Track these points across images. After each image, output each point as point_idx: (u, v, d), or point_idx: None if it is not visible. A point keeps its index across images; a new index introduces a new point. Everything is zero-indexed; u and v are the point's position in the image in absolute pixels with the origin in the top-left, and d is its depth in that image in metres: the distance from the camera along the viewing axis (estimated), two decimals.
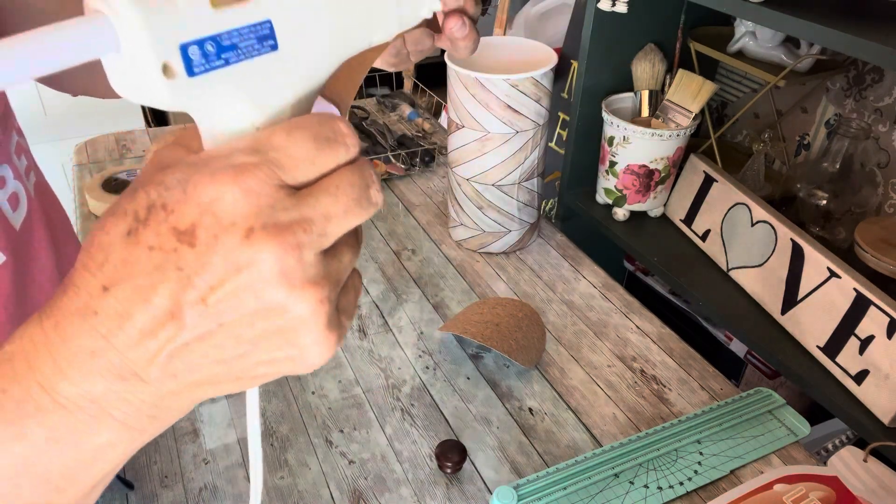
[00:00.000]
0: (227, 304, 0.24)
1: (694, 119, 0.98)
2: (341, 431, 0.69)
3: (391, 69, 0.43)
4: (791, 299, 0.87)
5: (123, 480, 0.59)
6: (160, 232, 0.23)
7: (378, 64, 0.42)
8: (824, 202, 0.94)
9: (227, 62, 0.24)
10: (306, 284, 0.24)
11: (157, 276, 0.23)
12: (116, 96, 0.26)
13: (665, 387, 0.75)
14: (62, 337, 0.25)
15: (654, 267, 1.01)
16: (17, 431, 0.25)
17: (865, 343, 0.77)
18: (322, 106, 0.31)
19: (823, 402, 0.81)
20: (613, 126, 1.00)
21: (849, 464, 0.63)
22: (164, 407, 0.26)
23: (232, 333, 0.24)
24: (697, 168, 1.02)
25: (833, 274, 0.81)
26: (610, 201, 1.09)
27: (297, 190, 0.25)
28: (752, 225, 0.93)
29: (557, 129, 1.28)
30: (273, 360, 0.26)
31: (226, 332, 0.24)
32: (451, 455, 0.64)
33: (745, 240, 0.94)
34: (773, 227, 0.89)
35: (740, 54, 1.01)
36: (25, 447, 0.25)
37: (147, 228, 0.24)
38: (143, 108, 1.96)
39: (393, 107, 1.35)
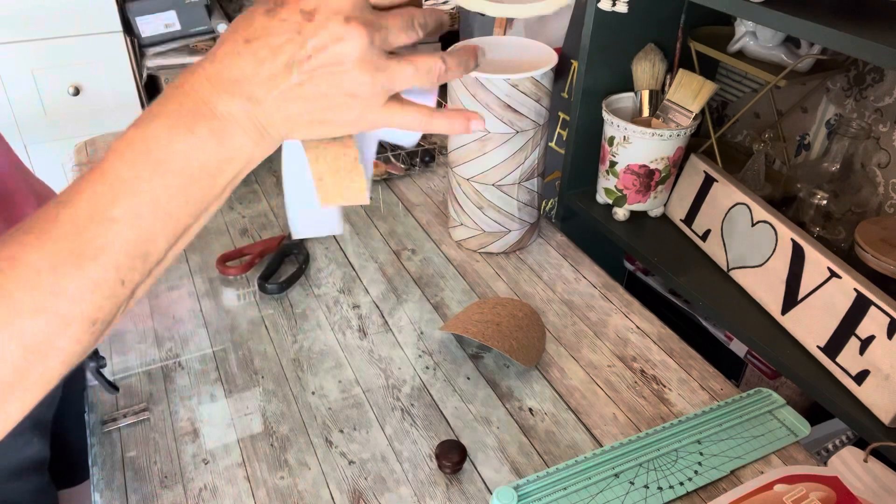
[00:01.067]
0: (322, 62, 0.38)
1: (694, 119, 0.98)
2: (341, 431, 0.69)
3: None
4: (791, 299, 0.87)
5: (110, 383, 0.71)
6: (292, 10, 0.38)
7: None
8: (824, 202, 0.94)
9: None
10: (376, 61, 0.39)
11: (285, 40, 0.38)
12: None
13: (665, 387, 0.75)
14: (217, 70, 0.39)
15: (654, 267, 1.01)
16: (190, 128, 0.38)
17: (866, 343, 0.77)
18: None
19: (823, 402, 0.81)
20: (613, 126, 1.00)
21: (849, 464, 0.63)
22: (269, 130, 0.40)
23: (318, 83, 0.38)
24: (698, 168, 1.02)
25: (833, 274, 0.81)
26: (610, 201, 1.09)
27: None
28: (753, 225, 0.93)
29: (557, 129, 1.28)
30: (336, 106, 0.40)
31: (315, 82, 0.38)
32: (451, 455, 0.64)
33: (745, 240, 0.94)
34: (773, 227, 0.89)
35: (740, 54, 1.01)
36: (195, 140, 0.38)
37: (283, 8, 0.38)
38: (143, 108, 1.96)
39: None
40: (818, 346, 0.83)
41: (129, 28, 1.88)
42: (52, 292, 0.36)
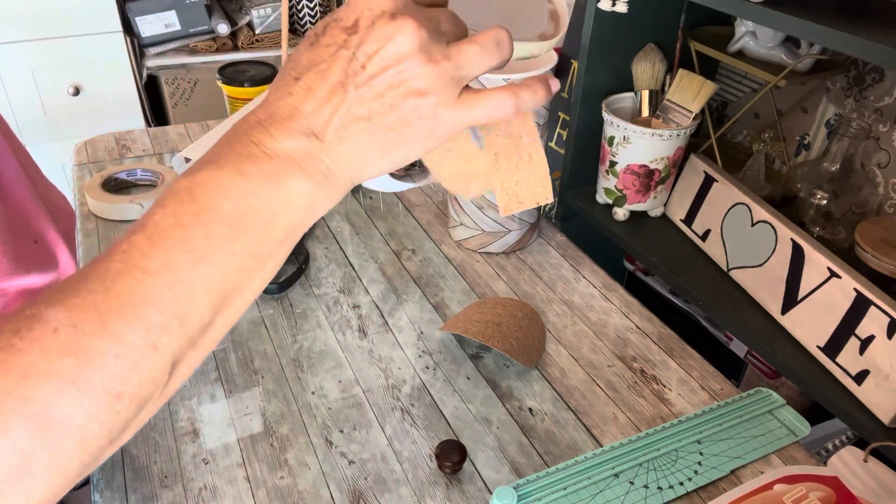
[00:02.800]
0: (379, 67, 0.34)
1: (694, 119, 0.98)
2: (341, 431, 0.69)
3: None
4: (791, 299, 0.87)
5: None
6: (333, 33, 0.35)
7: None
8: (824, 202, 0.94)
9: None
10: (436, 49, 0.35)
11: (332, 59, 0.35)
12: None
13: (665, 387, 0.75)
14: (268, 113, 0.36)
15: (654, 267, 1.01)
16: (240, 170, 0.34)
17: (866, 343, 0.77)
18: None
19: (823, 402, 0.81)
20: (613, 126, 1.00)
21: (849, 464, 0.63)
22: (335, 170, 0.36)
23: (380, 92, 0.35)
24: (697, 168, 1.02)
25: (833, 274, 0.81)
26: (610, 201, 1.09)
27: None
28: (753, 225, 0.93)
29: (557, 129, 1.28)
30: (406, 114, 0.35)
31: (376, 93, 0.35)
32: (451, 455, 0.64)
33: (745, 240, 0.94)
34: (773, 227, 0.89)
35: (740, 54, 1.01)
36: (245, 182, 0.34)
37: (324, 35, 0.36)
38: (143, 108, 1.96)
39: None
40: (818, 346, 0.83)
41: (129, 28, 1.88)
42: (68, 352, 0.30)
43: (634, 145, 0.99)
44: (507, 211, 0.44)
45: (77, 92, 1.88)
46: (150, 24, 1.89)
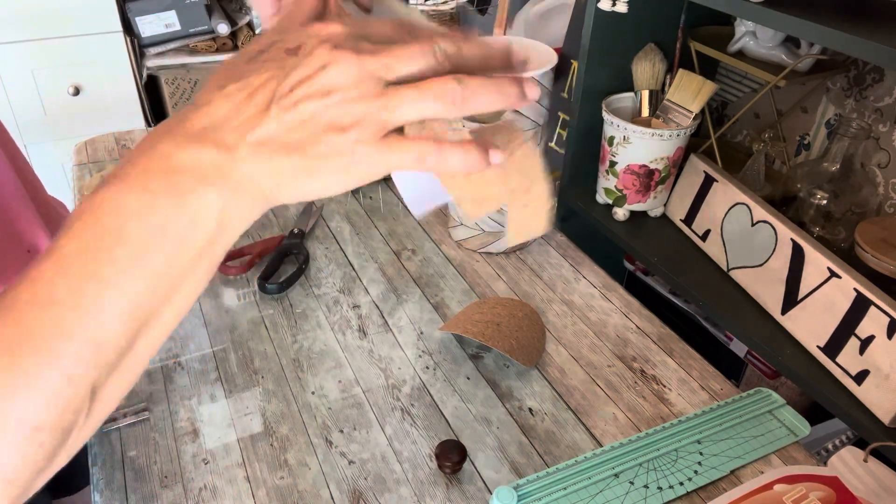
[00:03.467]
0: (306, 94, 0.32)
1: (694, 119, 0.98)
2: (341, 431, 0.69)
3: None
4: (791, 299, 0.87)
5: None
6: (274, 52, 0.34)
7: None
8: (824, 202, 0.94)
9: None
10: (369, 88, 0.33)
11: (263, 76, 0.33)
12: None
13: (665, 387, 0.75)
14: (181, 122, 0.33)
15: (654, 267, 1.01)
16: (143, 187, 0.32)
17: (866, 343, 0.77)
18: None
19: (823, 402, 0.81)
20: (613, 126, 1.00)
21: (849, 464, 0.63)
22: (247, 185, 0.34)
23: (302, 118, 0.33)
24: (698, 168, 1.02)
25: (833, 274, 0.81)
26: (610, 201, 1.09)
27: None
28: (753, 225, 0.93)
29: (557, 129, 1.28)
30: (325, 149, 0.33)
31: (297, 119, 0.33)
32: (451, 455, 0.64)
33: (745, 240, 0.94)
34: (773, 227, 0.89)
35: (740, 54, 1.01)
36: (149, 198, 0.32)
37: (266, 52, 0.34)
38: (143, 108, 1.96)
39: None
40: (818, 346, 0.83)
41: (129, 28, 1.88)
42: None
43: (634, 145, 0.99)
44: (513, 242, 0.47)
45: (77, 92, 1.88)
46: (150, 24, 1.89)
